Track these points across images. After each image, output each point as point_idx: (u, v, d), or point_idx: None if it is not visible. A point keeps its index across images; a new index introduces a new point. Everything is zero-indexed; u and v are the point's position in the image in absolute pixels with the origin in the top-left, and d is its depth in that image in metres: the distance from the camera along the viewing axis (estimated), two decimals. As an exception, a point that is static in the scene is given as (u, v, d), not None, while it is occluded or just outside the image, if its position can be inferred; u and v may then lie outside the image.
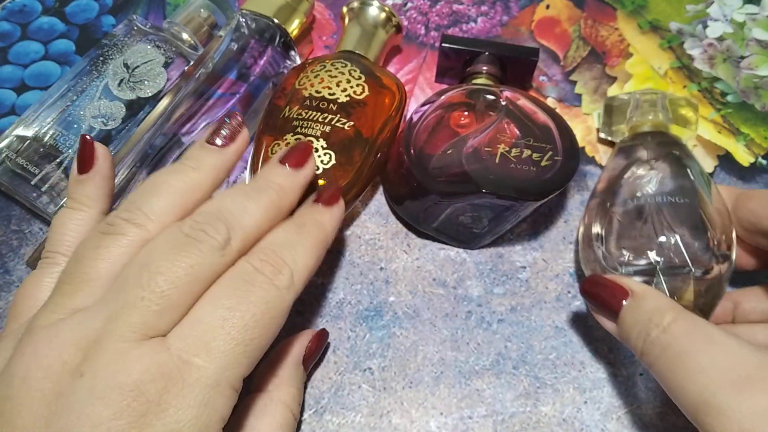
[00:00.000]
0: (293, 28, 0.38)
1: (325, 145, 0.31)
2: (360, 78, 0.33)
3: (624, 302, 0.26)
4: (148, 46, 0.36)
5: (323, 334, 0.30)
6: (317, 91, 0.33)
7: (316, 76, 0.34)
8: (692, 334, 0.23)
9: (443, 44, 0.37)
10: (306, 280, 0.25)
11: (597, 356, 0.31)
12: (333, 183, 0.30)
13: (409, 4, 0.45)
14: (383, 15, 0.37)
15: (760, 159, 0.38)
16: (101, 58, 0.36)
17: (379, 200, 0.36)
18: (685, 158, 0.31)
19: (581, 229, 0.32)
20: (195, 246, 0.22)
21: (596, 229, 0.31)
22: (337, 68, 0.34)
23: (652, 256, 0.29)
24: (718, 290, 0.29)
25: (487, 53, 0.37)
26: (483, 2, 0.44)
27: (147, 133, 0.33)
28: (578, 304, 0.33)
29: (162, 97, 0.34)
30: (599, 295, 0.27)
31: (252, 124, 0.37)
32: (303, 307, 0.33)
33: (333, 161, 0.31)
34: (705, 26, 0.43)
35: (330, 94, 0.33)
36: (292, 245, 0.24)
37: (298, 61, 0.39)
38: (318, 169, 0.31)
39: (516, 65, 0.37)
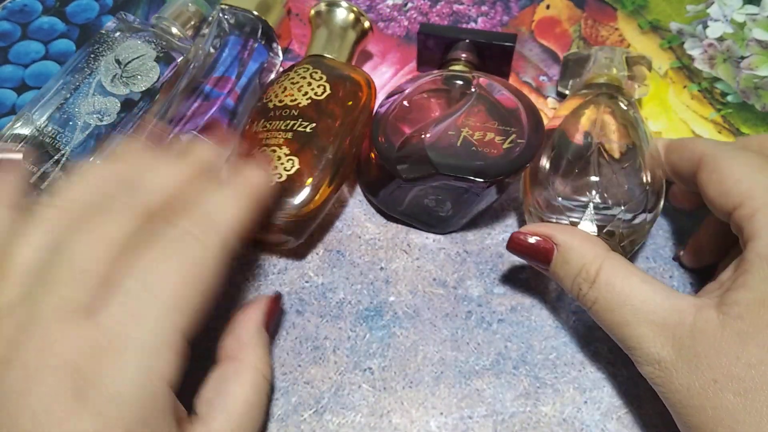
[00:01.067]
0: (273, 19, 0.38)
1: (288, 152, 0.31)
2: (321, 78, 0.34)
3: (553, 254, 0.29)
4: (139, 42, 0.37)
5: (278, 296, 0.31)
6: (280, 101, 0.33)
7: (280, 86, 0.34)
8: (614, 288, 0.27)
9: (420, 32, 0.38)
10: (236, 234, 0.24)
11: (597, 356, 0.31)
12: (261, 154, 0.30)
13: (410, 5, 0.45)
14: (352, 15, 0.37)
15: (760, 159, 0.38)
16: (92, 55, 0.36)
17: (379, 200, 0.36)
18: (631, 111, 0.33)
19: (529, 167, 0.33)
20: (106, 215, 0.22)
21: (544, 163, 0.32)
22: (299, 74, 0.34)
23: (588, 194, 0.30)
24: (641, 235, 0.31)
25: (464, 40, 0.37)
26: (483, 2, 0.45)
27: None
28: (578, 303, 0.33)
29: (154, 101, 0.34)
30: (526, 252, 0.30)
31: (242, 119, 0.37)
32: (303, 307, 0.33)
33: (297, 166, 0.31)
34: (705, 26, 0.43)
35: (292, 100, 0.33)
36: (216, 201, 0.24)
37: (280, 53, 0.40)
38: (281, 176, 0.31)
39: (493, 51, 0.38)
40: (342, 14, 0.37)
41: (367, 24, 0.38)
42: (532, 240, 0.29)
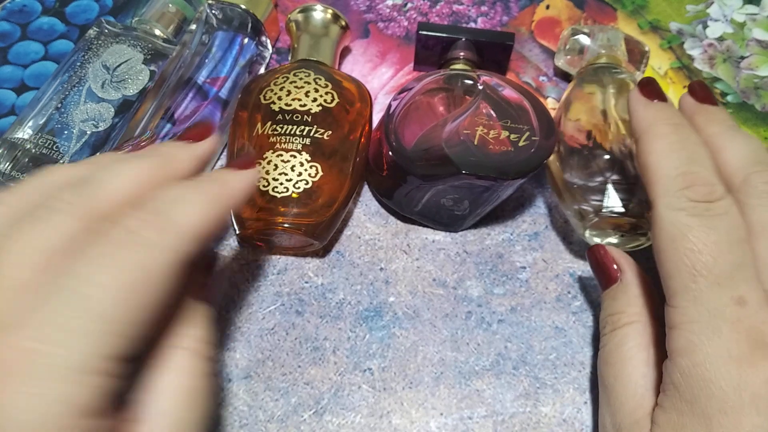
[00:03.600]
0: (261, 12, 0.38)
1: (309, 158, 0.31)
2: (327, 86, 0.33)
3: (613, 283, 0.29)
4: (124, 46, 0.37)
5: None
6: (287, 104, 0.33)
7: (281, 89, 0.33)
8: (613, 355, 0.27)
9: (420, 31, 0.38)
10: (199, 237, 0.21)
11: (597, 356, 0.31)
12: (248, 153, 0.30)
13: (409, 5, 0.45)
14: (329, 16, 0.37)
15: (760, 159, 0.38)
16: (78, 64, 0.36)
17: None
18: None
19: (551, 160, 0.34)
20: (44, 217, 0.19)
21: (562, 150, 0.33)
22: (301, 78, 0.34)
23: (605, 171, 0.31)
24: None
25: (463, 39, 0.37)
26: (483, 3, 0.44)
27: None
28: (578, 304, 0.33)
29: (143, 101, 0.34)
30: (596, 267, 0.30)
31: (231, 112, 0.37)
32: (303, 307, 0.33)
33: (321, 173, 0.31)
34: (705, 26, 0.43)
35: (301, 105, 0.33)
36: (180, 199, 0.21)
37: (269, 46, 0.40)
38: (308, 183, 0.31)
39: (492, 50, 0.38)
40: (319, 17, 0.37)
41: (344, 24, 0.38)
42: (608, 263, 0.30)
